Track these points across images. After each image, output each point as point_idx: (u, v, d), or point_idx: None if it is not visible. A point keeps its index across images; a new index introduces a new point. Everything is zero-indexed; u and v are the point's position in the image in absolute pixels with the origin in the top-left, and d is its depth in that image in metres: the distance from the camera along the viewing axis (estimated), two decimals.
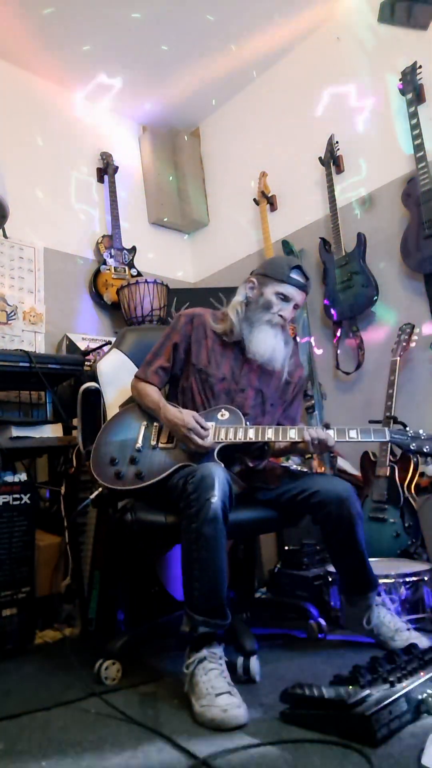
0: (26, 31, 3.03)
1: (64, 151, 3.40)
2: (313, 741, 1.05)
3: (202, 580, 1.33)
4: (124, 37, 3.13)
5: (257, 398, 1.73)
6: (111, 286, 3.27)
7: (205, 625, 1.31)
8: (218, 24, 3.10)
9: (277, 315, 1.70)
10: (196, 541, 1.34)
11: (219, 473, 1.39)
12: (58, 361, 2.26)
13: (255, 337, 1.70)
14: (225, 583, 1.35)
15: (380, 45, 2.89)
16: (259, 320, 1.71)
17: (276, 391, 1.77)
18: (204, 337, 1.75)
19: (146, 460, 1.57)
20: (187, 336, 1.76)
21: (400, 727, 1.05)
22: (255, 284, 1.75)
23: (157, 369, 1.74)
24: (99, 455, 1.60)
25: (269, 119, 3.46)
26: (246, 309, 1.74)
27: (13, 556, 1.82)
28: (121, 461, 1.56)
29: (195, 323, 1.77)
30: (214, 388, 1.70)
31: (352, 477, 2.51)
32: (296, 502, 1.58)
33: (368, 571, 1.59)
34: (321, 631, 1.76)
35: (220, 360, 1.73)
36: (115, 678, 1.47)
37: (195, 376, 1.72)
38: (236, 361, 1.73)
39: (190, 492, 1.37)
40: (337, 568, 1.66)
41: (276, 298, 1.70)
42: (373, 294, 2.70)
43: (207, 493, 1.35)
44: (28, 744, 1.13)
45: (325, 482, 1.60)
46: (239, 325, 1.72)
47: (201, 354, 1.73)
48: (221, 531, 1.35)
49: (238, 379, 1.72)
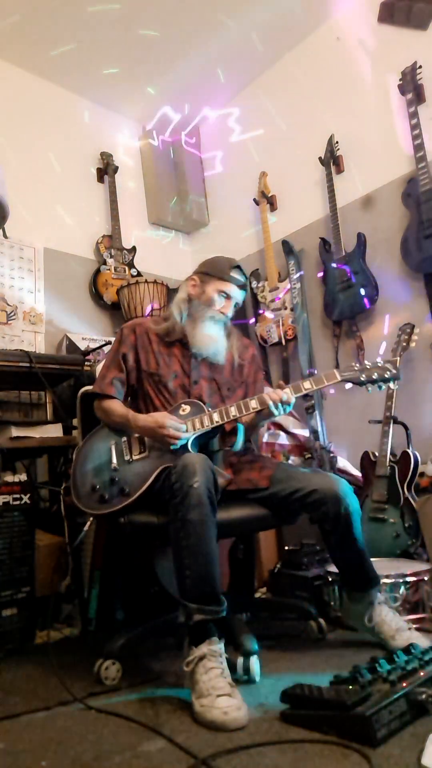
0: (25, 31, 3.03)
1: (64, 151, 3.40)
2: (313, 741, 1.05)
3: (192, 567, 1.33)
4: (123, 37, 3.13)
5: (212, 386, 1.77)
6: (111, 286, 3.27)
7: (199, 612, 1.30)
8: (218, 23, 3.10)
9: (219, 312, 1.77)
10: (184, 527, 1.34)
11: (200, 460, 1.41)
12: (58, 361, 2.26)
13: (199, 333, 1.76)
14: (216, 569, 1.35)
15: (380, 45, 2.89)
16: (202, 317, 1.77)
17: (230, 377, 1.82)
18: (148, 342, 1.80)
19: (126, 476, 1.58)
20: (133, 345, 1.80)
21: (400, 727, 1.05)
22: (197, 282, 1.82)
23: (112, 380, 1.76)
24: (78, 488, 1.60)
25: (269, 119, 3.46)
26: (189, 306, 1.81)
27: (13, 556, 1.82)
28: (101, 486, 1.57)
29: (138, 332, 1.82)
30: (169, 386, 1.74)
31: (352, 477, 2.51)
32: (291, 501, 1.57)
33: (368, 567, 1.59)
34: (321, 631, 1.75)
35: (168, 360, 1.78)
36: (115, 678, 1.47)
37: (148, 381, 1.76)
38: (184, 357, 1.79)
39: (173, 482, 1.38)
40: (338, 565, 1.66)
41: (218, 296, 1.77)
42: (373, 294, 2.70)
43: (190, 480, 1.36)
44: (28, 744, 1.13)
45: (321, 480, 1.59)
46: (181, 321, 1.79)
47: (149, 359, 1.78)
48: (208, 516, 1.35)
49: (189, 373, 1.76)
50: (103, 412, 1.75)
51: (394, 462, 2.29)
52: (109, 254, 3.35)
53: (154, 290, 3.04)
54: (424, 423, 2.53)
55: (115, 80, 3.45)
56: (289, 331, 3.06)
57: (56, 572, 2.04)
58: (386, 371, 1.61)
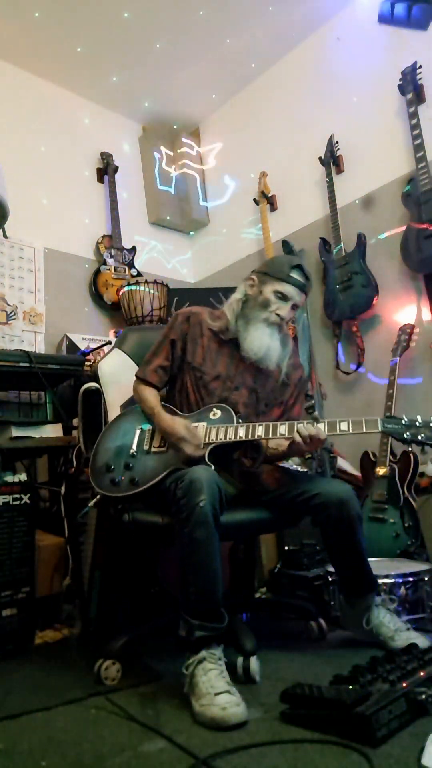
0: (25, 32, 3.03)
1: (64, 151, 3.40)
2: (313, 741, 1.05)
3: (196, 584, 1.33)
4: (123, 37, 3.13)
5: (251, 397, 1.71)
6: (111, 286, 3.27)
7: (201, 629, 1.31)
8: (218, 23, 3.10)
9: (274, 314, 1.68)
10: (189, 545, 1.34)
11: (207, 477, 1.39)
12: (58, 361, 2.26)
13: (250, 335, 1.69)
14: (219, 587, 1.35)
15: (380, 45, 2.89)
16: (255, 318, 1.69)
17: (272, 392, 1.75)
18: (200, 335, 1.74)
19: (140, 465, 1.58)
20: (183, 334, 1.75)
21: (400, 727, 1.05)
22: (255, 282, 1.73)
23: (156, 368, 1.74)
24: (96, 463, 1.61)
25: (269, 119, 3.46)
26: (244, 306, 1.72)
27: (13, 556, 1.82)
28: (116, 468, 1.58)
29: (192, 321, 1.76)
30: (209, 386, 1.69)
31: (352, 477, 2.51)
32: (296, 504, 1.58)
33: (368, 572, 1.59)
34: (321, 631, 1.75)
35: (216, 358, 1.72)
36: (115, 678, 1.47)
37: (190, 373, 1.72)
38: (231, 359, 1.72)
39: (179, 497, 1.37)
40: (337, 569, 1.66)
41: (274, 297, 1.68)
42: (373, 294, 2.70)
43: (196, 498, 1.34)
44: (28, 744, 1.13)
45: (326, 484, 1.59)
46: (235, 322, 1.71)
47: (196, 352, 1.72)
48: (212, 534, 1.35)
49: (233, 377, 1.70)
50: (138, 397, 1.74)
51: (394, 462, 2.29)
52: (109, 254, 3.35)
53: (154, 290, 3.04)
54: None
55: (116, 80, 3.45)
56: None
57: (56, 572, 2.04)
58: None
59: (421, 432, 1.45)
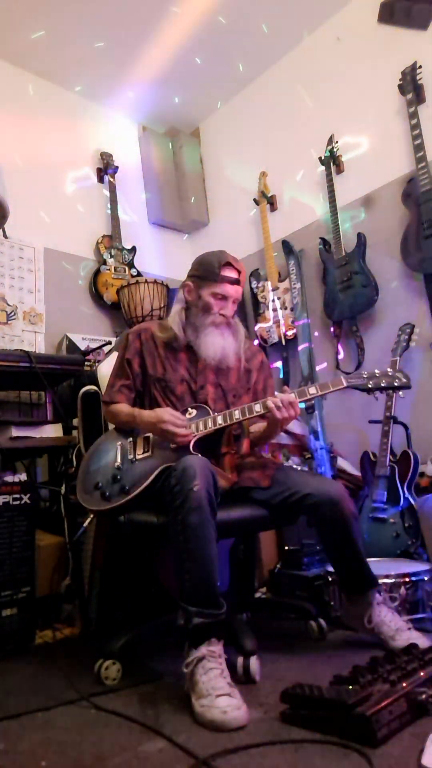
0: (25, 31, 3.03)
1: (64, 151, 3.40)
2: (313, 741, 1.05)
3: (192, 570, 1.33)
4: (123, 37, 3.13)
5: (218, 392, 1.75)
6: (111, 286, 3.27)
7: (199, 615, 1.30)
8: (218, 23, 3.10)
9: (218, 314, 1.73)
10: (183, 531, 1.34)
11: (200, 463, 1.41)
12: (58, 361, 2.26)
13: (203, 342, 1.73)
14: (215, 572, 1.34)
15: (380, 45, 2.89)
16: (203, 324, 1.74)
17: (237, 382, 1.80)
18: (154, 347, 1.79)
19: (128, 475, 1.58)
20: (138, 351, 1.79)
21: (400, 727, 1.05)
22: (191, 287, 1.77)
23: (120, 387, 1.77)
24: (84, 486, 1.61)
25: (269, 119, 3.46)
26: (188, 314, 1.78)
27: (13, 556, 1.82)
28: (104, 483, 1.58)
29: (143, 337, 1.80)
30: (176, 391, 1.73)
31: (352, 477, 2.51)
32: (290, 504, 1.58)
33: (366, 570, 1.59)
34: (321, 631, 1.75)
35: (175, 365, 1.76)
36: (115, 678, 1.47)
37: (155, 386, 1.75)
38: (190, 361, 1.77)
39: (173, 485, 1.38)
40: (335, 568, 1.66)
41: (213, 299, 1.73)
42: (373, 294, 2.70)
43: (189, 483, 1.35)
44: (28, 744, 1.13)
45: (317, 483, 1.59)
46: (182, 332, 1.76)
47: (156, 364, 1.77)
48: (207, 519, 1.35)
49: (195, 378, 1.75)
50: (112, 416, 1.77)
51: (394, 462, 2.29)
52: (109, 254, 3.35)
53: (154, 290, 3.04)
54: (424, 423, 2.53)
55: (116, 80, 3.45)
56: (289, 331, 3.06)
57: (56, 572, 2.04)
58: (395, 379, 1.61)
59: (381, 380, 1.60)
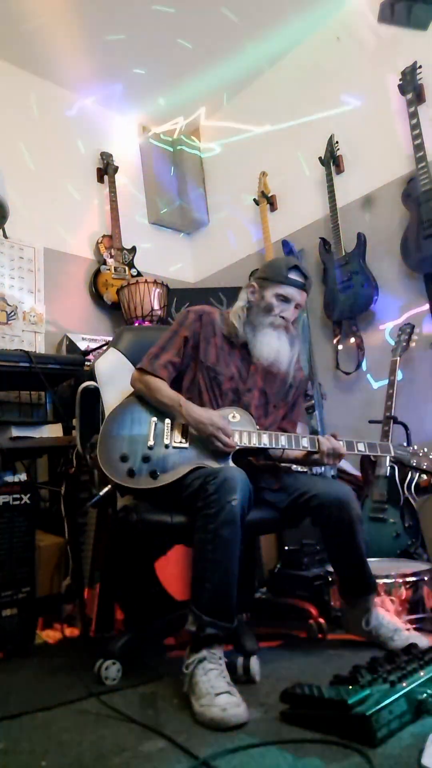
0: (26, 32, 3.03)
1: (64, 151, 3.40)
2: (313, 741, 1.04)
3: (213, 581, 1.33)
4: (124, 37, 3.13)
5: (261, 399, 1.73)
6: (111, 286, 3.27)
7: (212, 626, 1.31)
8: (217, 23, 3.10)
9: (279, 317, 1.70)
10: (213, 541, 1.34)
11: (241, 477, 1.40)
12: (58, 361, 2.25)
13: (259, 341, 1.70)
14: (235, 587, 1.35)
15: (380, 45, 2.89)
16: (261, 324, 1.71)
17: (278, 393, 1.78)
18: (213, 335, 1.73)
19: (159, 459, 1.53)
20: (196, 332, 1.73)
21: (400, 727, 1.05)
22: (255, 288, 1.75)
23: (166, 363, 1.69)
24: (107, 449, 1.53)
25: (269, 119, 3.46)
26: (248, 313, 1.74)
27: (13, 556, 1.82)
28: (132, 458, 1.52)
29: (204, 320, 1.75)
30: (222, 386, 1.69)
31: (352, 477, 2.51)
32: (297, 505, 1.59)
33: (367, 573, 1.60)
34: (321, 631, 1.76)
35: (228, 359, 1.72)
36: (115, 678, 1.47)
37: (203, 373, 1.70)
38: (243, 361, 1.73)
39: (210, 492, 1.37)
40: (336, 570, 1.66)
41: (276, 300, 1.70)
42: (373, 294, 2.70)
43: (228, 496, 1.34)
44: (28, 744, 1.13)
45: (326, 485, 1.60)
46: (242, 329, 1.72)
47: (210, 351, 1.71)
48: (238, 534, 1.35)
49: (245, 379, 1.72)
50: (148, 388, 1.65)
51: (394, 462, 2.29)
52: (109, 254, 3.35)
53: (154, 290, 3.04)
54: (424, 423, 2.53)
55: (116, 80, 3.45)
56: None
57: (56, 572, 2.04)
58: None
59: (424, 461, 1.67)
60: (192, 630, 1.32)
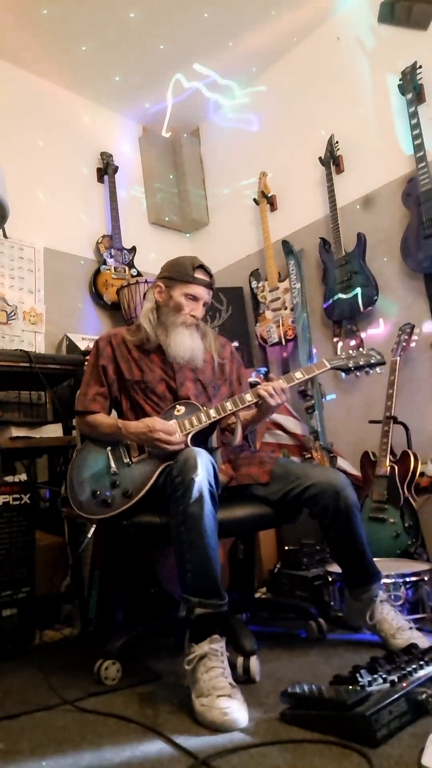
0: (26, 31, 3.03)
1: (64, 151, 3.40)
2: (313, 741, 1.04)
3: (193, 560, 1.33)
4: (123, 37, 3.13)
5: (197, 387, 1.76)
6: (111, 286, 3.27)
7: (200, 606, 1.30)
8: (217, 24, 3.10)
9: (189, 315, 1.75)
10: (184, 522, 1.34)
11: (201, 453, 1.41)
12: (58, 361, 2.26)
13: (173, 341, 1.74)
14: (217, 562, 1.34)
15: (380, 45, 2.89)
16: (173, 323, 1.75)
17: (212, 375, 1.81)
18: (127, 351, 1.78)
19: (127, 478, 1.57)
20: (111, 357, 1.77)
21: (400, 727, 1.05)
22: (162, 288, 1.79)
23: (95, 396, 1.74)
24: (77, 496, 1.58)
25: (269, 119, 3.46)
26: (158, 314, 1.78)
27: (13, 556, 1.82)
28: (102, 490, 1.56)
29: (114, 343, 1.79)
30: (156, 391, 1.72)
31: (352, 477, 2.51)
32: (291, 497, 1.57)
33: (369, 562, 1.59)
34: (321, 631, 1.75)
35: (151, 365, 1.76)
36: (114, 678, 1.47)
37: (134, 390, 1.74)
38: (164, 362, 1.76)
39: (174, 476, 1.38)
40: (338, 560, 1.65)
41: (185, 299, 1.75)
42: (373, 294, 2.70)
43: (191, 473, 1.35)
44: (28, 744, 1.13)
45: (320, 474, 1.59)
46: (154, 332, 1.76)
47: (132, 368, 1.76)
48: (209, 509, 1.35)
49: (174, 376, 1.74)
50: (90, 427, 1.72)
51: (394, 462, 2.29)
52: (109, 254, 3.35)
53: None
54: (424, 423, 2.53)
55: (116, 80, 3.45)
56: (289, 331, 3.06)
57: (56, 572, 2.04)
58: (371, 357, 1.69)
59: (359, 359, 1.69)
60: (182, 615, 1.31)
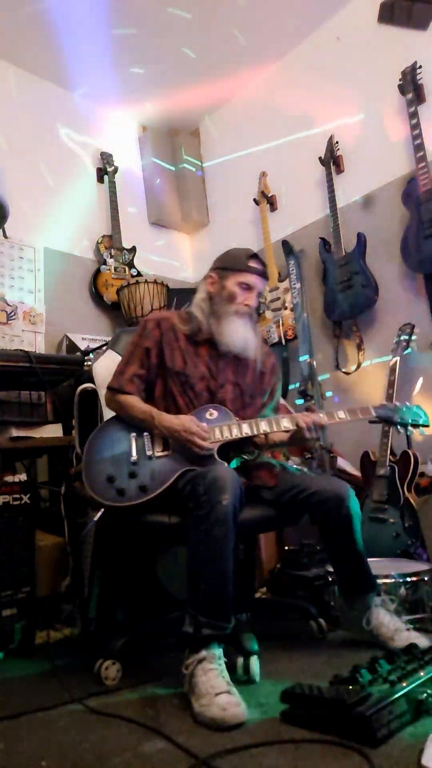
0: (26, 31, 3.03)
1: (64, 151, 3.40)
2: (313, 741, 1.04)
3: (208, 581, 1.33)
4: (125, 38, 3.13)
5: (236, 392, 1.72)
6: (111, 286, 3.27)
7: (209, 627, 1.31)
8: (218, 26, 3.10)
9: (243, 305, 1.70)
10: (205, 541, 1.34)
11: (231, 476, 1.39)
12: (58, 361, 2.26)
13: (225, 330, 1.69)
14: (231, 586, 1.35)
15: (380, 45, 2.89)
16: (226, 312, 1.70)
17: (252, 383, 1.77)
18: (175, 339, 1.72)
19: (146, 472, 1.53)
20: (157, 341, 1.72)
21: (400, 727, 1.05)
22: (215, 278, 1.75)
23: (132, 377, 1.69)
24: (93, 475, 1.53)
25: (269, 119, 3.46)
26: (210, 304, 1.73)
27: (13, 556, 1.82)
28: (119, 477, 1.51)
29: (163, 327, 1.74)
30: (195, 387, 1.68)
31: (352, 477, 2.51)
32: (296, 502, 1.58)
33: (367, 571, 1.60)
34: (321, 631, 1.75)
35: (196, 359, 1.71)
36: (115, 678, 1.47)
37: (173, 379, 1.69)
38: (211, 358, 1.72)
39: (200, 493, 1.36)
40: (336, 568, 1.66)
41: (239, 289, 1.70)
42: (372, 294, 2.70)
43: (218, 495, 1.34)
44: (28, 744, 1.13)
45: (324, 482, 1.60)
46: (206, 321, 1.71)
47: (175, 357, 1.70)
48: (231, 533, 1.35)
49: (216, 375, 1.70)
50: (120, 406, 1.66)
51: (394, 462, 2.29)
52: (109, 254, 3.35)
53: (154, 290, 3.04)
54: None
55: (116, 81, 3.45)
56: (289, 331, 3.06)
57: (56, 572, 2.03)
58: (419, 417, 1.69)
59: (408, 416, 1.69)
60: (189, 631, 1.32)
